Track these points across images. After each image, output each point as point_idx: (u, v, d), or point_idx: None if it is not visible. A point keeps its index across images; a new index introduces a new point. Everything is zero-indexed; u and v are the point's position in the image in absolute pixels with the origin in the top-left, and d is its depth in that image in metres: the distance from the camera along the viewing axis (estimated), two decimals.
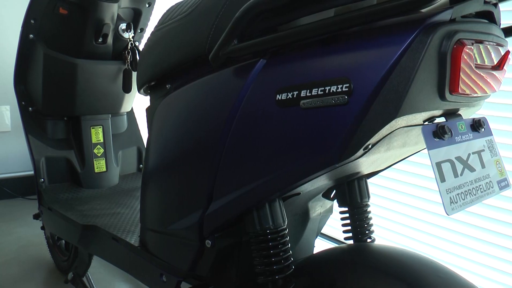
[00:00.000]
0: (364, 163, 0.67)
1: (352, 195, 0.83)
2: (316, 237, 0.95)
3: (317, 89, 0.55)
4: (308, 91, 0.56)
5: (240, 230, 0.75)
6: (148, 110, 0.89)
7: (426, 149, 0.56)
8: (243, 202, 0.65)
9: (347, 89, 0.53)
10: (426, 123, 0.60)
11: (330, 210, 0.95)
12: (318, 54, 0.57)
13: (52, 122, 1.49)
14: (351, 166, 0.66)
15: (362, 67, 0.53)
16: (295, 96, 0.57)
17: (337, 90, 0.54)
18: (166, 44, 0.81)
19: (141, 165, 1.64)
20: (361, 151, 0.56)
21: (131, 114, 1.65)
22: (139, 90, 0.93)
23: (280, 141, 0.59)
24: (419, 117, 0.57)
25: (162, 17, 0.86)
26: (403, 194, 1.31)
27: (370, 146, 0.57)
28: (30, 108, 1.48)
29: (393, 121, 0.52)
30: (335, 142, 0.55)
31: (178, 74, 0.80)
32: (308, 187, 0.69)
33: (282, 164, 0.59)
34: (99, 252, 1.11)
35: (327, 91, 0.55)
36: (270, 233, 0.68)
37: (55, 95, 1.43)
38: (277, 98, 0.59)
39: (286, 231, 0.70)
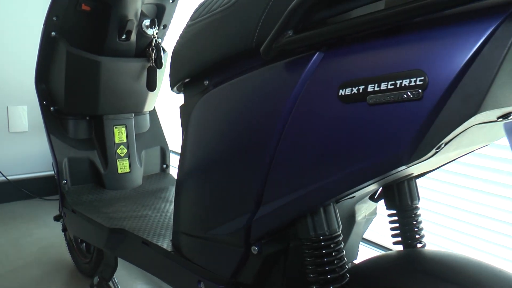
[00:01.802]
0: (426, 163, 0.62)
1: (402, 197, 0.78)
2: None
3: (386, 83, 0.50)
4: (376, 85, 0.51)
5: (288, 235, 0.70)
6: (183, 108, 0.84)
7: (486, 147, 0.51)
8: (297, 207, 0.60)
9: (421, 82, 0.48)
10: (501, 119, 0.55)
11: (374, 213, 0.90)
12: (386, 45, 0.52)
13: (74, 122, 1.46)
14: (413, 167, 0.61)
15: (439, 58, 0.48)
16: (361, 91, 0.52)
17: (410, 84, 0.49)
18: (205, 38, 0.76)
19: (164, 165, 1.59)
20: (433, 151, 0.51)
21: (153, 113, 1.61)
22: (172, 88, 0.89)
23: (342, 139, 0.54)
24: (495, 113, 0.52)
25: (197, 11, 0.81)
26: (450, 196, 1.24)
27: (443, 145, 0.52)
28: (51, 108, 1.44)
29: (472, 118, 0.47)
30: (406, 141, 0.50)
31: (218, 70, 0.75)
32: (364, 189, 0.64)
33: (344, 165, 0.54)
34: (127, 257, 1.07)
35: (398, 85, 0.50)
36: (324, 239, 0.63)
37: (78, 94, 1.39)
38: (339, 94, 0.54)
39: (341, 237, 0.65)
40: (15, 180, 2.36)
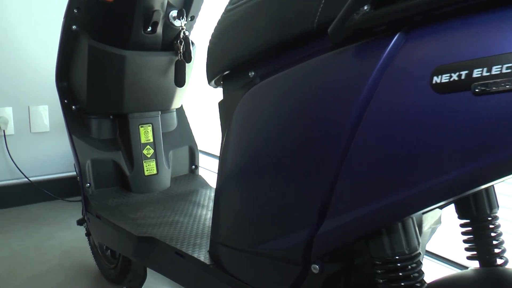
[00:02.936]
0: None
1: (479, 204, 0.67)
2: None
3: (500, 66, 0.40)
4: (485, 69, 0.40)
5: (354, 250, 0.60)
6: (223, 105, 0.75)
7: None
8: (371, 222, 0.49)
9: None
10: None
11: (439, 221, 0.79)
12: (498, 18, 0.41)
13: (97, 121, 1.37)
14: None
15: None
16: (463, 77, 0.41)
17: None
18: (249, 23, 0.66)
19: (193, 166, 1.50)
20: None
21: (180, 110, 1.52)
22: (209, 82, 0.79)
23: (437, 139, 0.44)
24: None
25: None
26: None
27: None
28: (73, 107, 1.36)
29: None
30: None
31: (266, 59, 0.65)
32: None
33: (439, 171, 0.44)
34: (158, 268, 0.98)
35: None
36: (402, 259, 0.52)
37: (101, 91, 1.31)
38: (433, 81, 0.43)
39: (421, 256, 0.54)
40: (36, 181, 2.31)
